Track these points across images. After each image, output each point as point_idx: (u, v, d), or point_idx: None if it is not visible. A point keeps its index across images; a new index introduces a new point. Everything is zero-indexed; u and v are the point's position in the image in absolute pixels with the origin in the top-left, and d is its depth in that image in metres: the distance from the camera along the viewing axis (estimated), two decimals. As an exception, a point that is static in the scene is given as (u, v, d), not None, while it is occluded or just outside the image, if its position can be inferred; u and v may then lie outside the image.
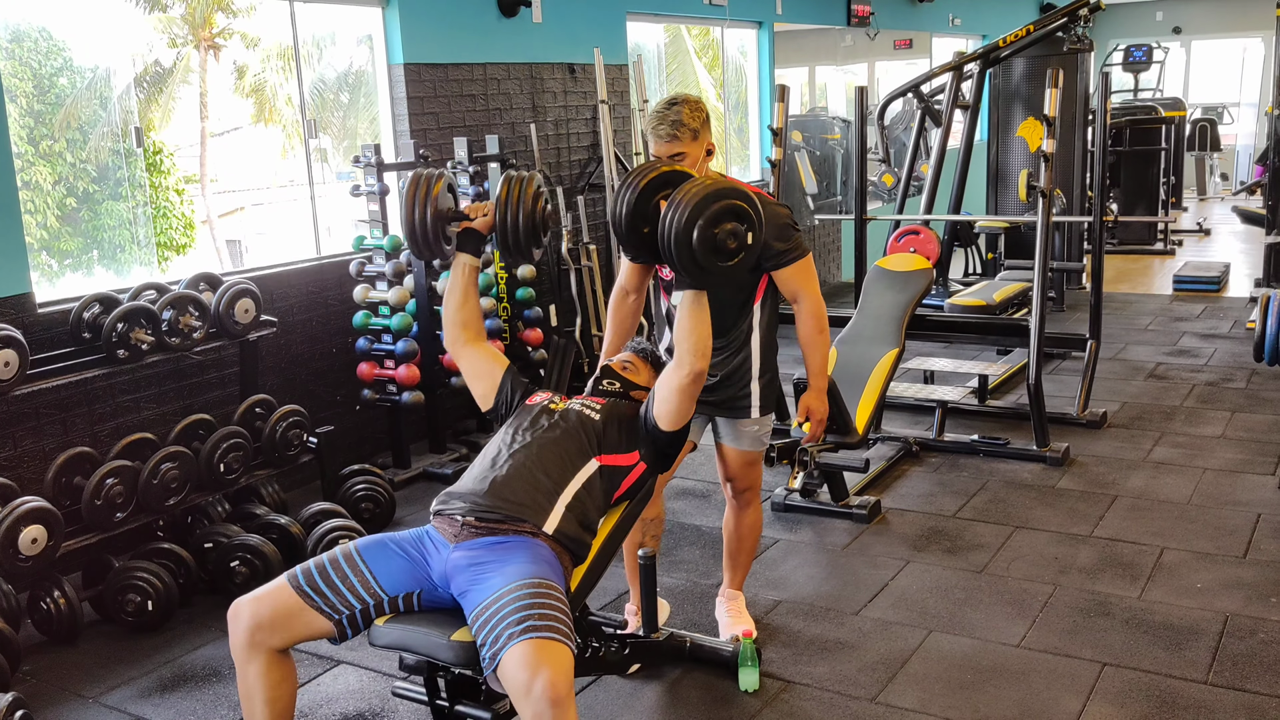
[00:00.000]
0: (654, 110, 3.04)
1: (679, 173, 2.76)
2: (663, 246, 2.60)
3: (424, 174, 2.85)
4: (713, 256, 2.59)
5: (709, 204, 2.56)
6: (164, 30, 9.58)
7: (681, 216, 2.55)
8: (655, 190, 2.71)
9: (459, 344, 2.94)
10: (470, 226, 2.89)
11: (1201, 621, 3.46)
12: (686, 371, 2.68)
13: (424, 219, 2.80)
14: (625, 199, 2.72)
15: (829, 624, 3.57)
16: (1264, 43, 14.98)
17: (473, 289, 2.93)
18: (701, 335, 2.67)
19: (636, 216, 2.71)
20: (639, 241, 2.75)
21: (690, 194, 2.57)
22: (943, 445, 5.19)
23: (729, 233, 2.59)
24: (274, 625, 2.46)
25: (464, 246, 2.90)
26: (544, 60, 6.32)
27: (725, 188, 2.61)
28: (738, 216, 2.61)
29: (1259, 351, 4.51)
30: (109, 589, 3.72)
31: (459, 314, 2.91)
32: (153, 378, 4.44)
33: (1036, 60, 8.13)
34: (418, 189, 2.82)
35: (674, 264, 2.62)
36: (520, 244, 2.86)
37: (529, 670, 2.20)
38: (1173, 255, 10.52)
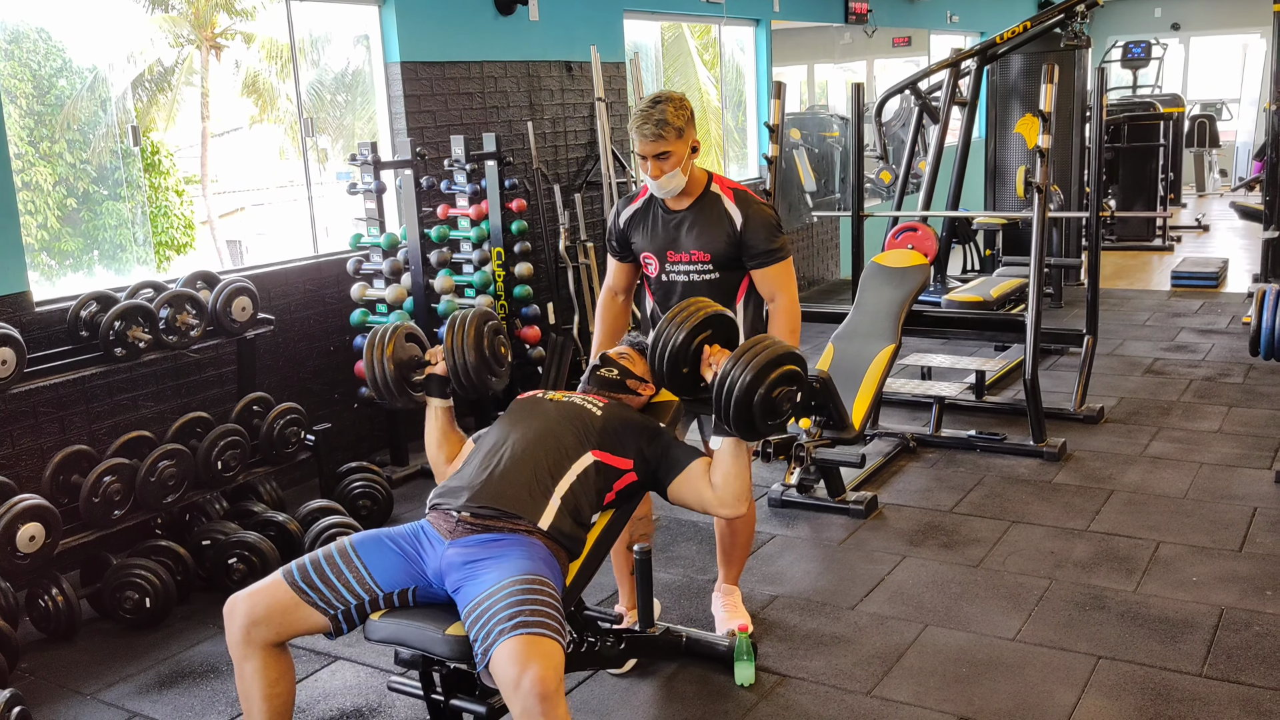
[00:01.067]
0: (638, 109, 3.04)
1: (720, 316, 2.81)
2: (721, 403, 2.63)
3: (380, 331, 2.92)
4: (767, 418, 2.64)
5: (772, 369, 2.60)
6: (167, 30, 9.60)
7: (746, 379, 2.58)
8: (697, 333, 2.76)
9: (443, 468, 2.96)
10: (433, 372, 2.93)
11: (1197, 615, 3.47)
12: (728, 514, 2.77)
13: (384, 375, 2.88)
14: (670, 340, 2.74)
15: (825, 618, 3.57)
16: (1263, 39, 14.96)
17: (450, 429, 2.97)
18: (744, 482, 2.75)
19: (678, 358, 2.75)
20: (677, 381, 2.80)
21: (756, 358, 2.60)
22: (940, 441, 5.20)
23: (786, 396, 2.64)
24: (269, 621, 2.47)
25: (431, 391, 2.95)
26: (541, 58, 6.33)
27: (785, 351, 2.64)
28: (794, 380, 2.65)
29: (1255, 346, 4.51)
30: (107, 586, 3.73)
31: (440, 453, 2.96)
32: (150, 376, 4.46)
33: (1034, 57, 8.13)
34: (374, 348, 2.89)
35: (727, 419, 2.64)
36: (473, 384, 2.89)
37: (518, 665, 2.21)
38: (1171, 251, 10.52)
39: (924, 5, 11.29)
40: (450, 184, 5.46)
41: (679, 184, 3.09)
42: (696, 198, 3.16)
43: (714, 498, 2.74)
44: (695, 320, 2.76)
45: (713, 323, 2.80)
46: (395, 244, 5.05)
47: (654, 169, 3.05)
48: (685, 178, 3.10)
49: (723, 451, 2.73)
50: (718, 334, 2.81)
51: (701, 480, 2.76)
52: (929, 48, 11.89)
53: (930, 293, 7.13)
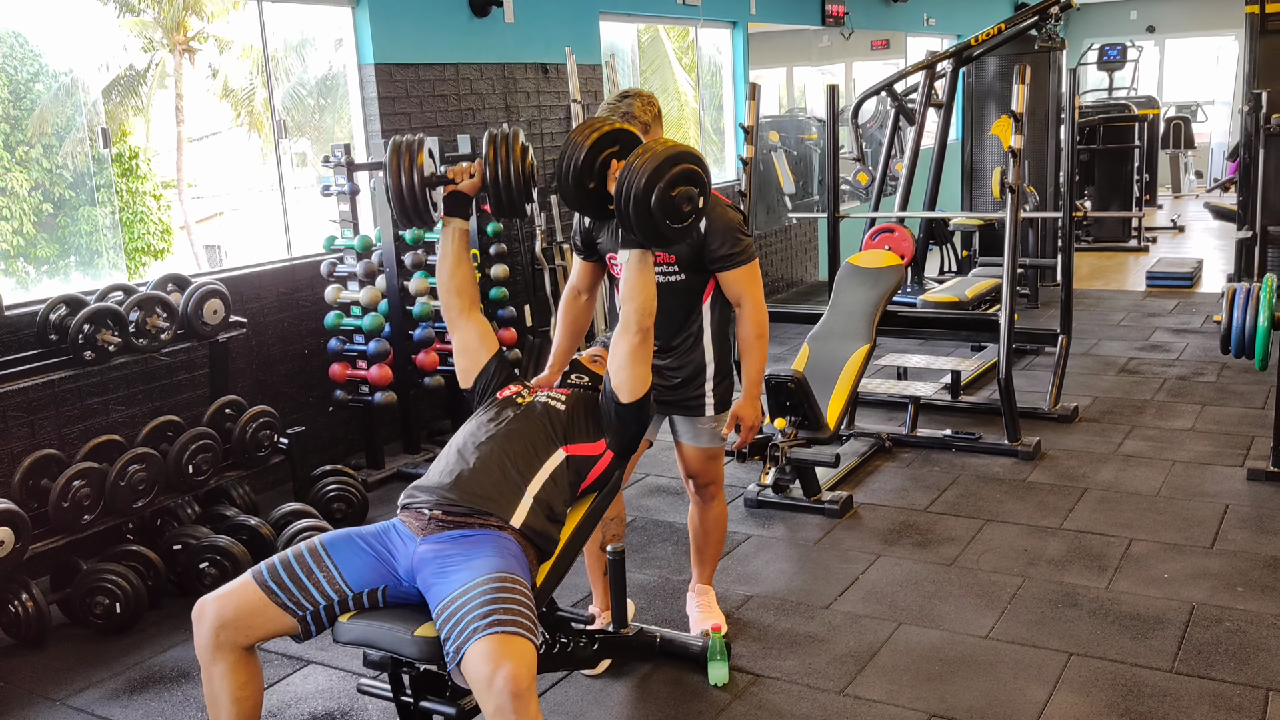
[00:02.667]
0: (606, 103, 3.04)
1: (626, 131, 2.77)
2: (619, 206, 2.62)
3: (404, 140, 2.82)
4: (667, 218, 2.63)
5: (668, 167, 2.60)
6: (138, 34, 9.53)
7: (640, 179, 2.58)
8: (601, 148, 2.72)
9: (454, 312, 2.92)
10: (456, 190, 2.86)
11: (1168, 611, 3.48)
12: (634, 330, 2.70)
13: (410, 185, 2.76)
14: (572, 156, 2.71)
15: (799, 618, 3.57)
16: (1237, 41, 15.09)
17: (464, 253, 2.90)
18: (648, 295, 2.71)
19: (583, 173, 2.71)
20: (584, 198, 2.76)
21: (648, 157, 2.60)
22: (915, 440, 5.22)
23: (684, 195, 2.64)
24: (238, 623, 2.45)
25: (452, 210, 2.87)
26: (517, 60, 6.32)
27: (682, 150, 2.65)
28: (692, 180, 2.65)
29: (1225, 344, 4.54)
30: (77, 591, 3.70)
31: (452, 280, 2.89)
32: (121, 380, 4.42)
33: (1009, 59, 8.17)
34: (400, 156, 2.78)
35: (628, 223, 2.64)
36: (514, 201, 2.82)
37: (491, 664, 2.20)
38: (1146, 252, 10.59)
39: (901, 8, 11.34)
40: (425, 186, 5.43)
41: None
42: None
43: (620, 325, 2.72)
44: (597, 134, 2.71)
45: (618, 137, 2.74)
46: (369, 246, 5.03)
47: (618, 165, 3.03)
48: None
49: (628, 265, 2.71)
50: (624, 150, 2.74)
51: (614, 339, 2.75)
52: (906, 50, 11.94)
53: (907, 293, 7.15)
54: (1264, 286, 4.46)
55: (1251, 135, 7.63)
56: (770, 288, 9.23)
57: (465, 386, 2.95)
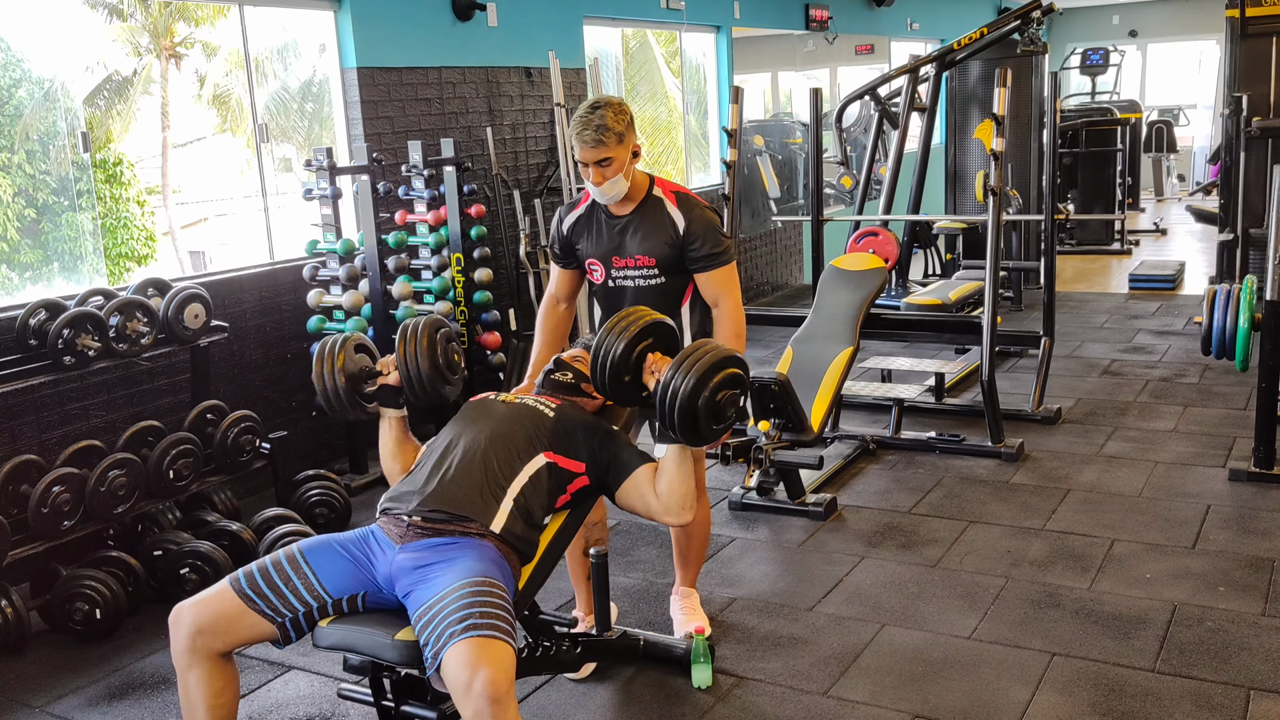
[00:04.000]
0: (577, 115, 3.00)
1: (661, 324, 2.80)
2: (663, 410, 2.61)
3: (328, 343, 2.89)
4: (711, 423, 2.63)
5: (714, 373, 2.60)
6: (125, 39, 9.50)
7: (689, 385, 2.57)
8: (638, 341, 2.75)
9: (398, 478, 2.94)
10: (385, 383, 2.90)
11: (1150, 611, 3.49)
12: (673, 521, 2.73)
13: (335, 388, 2.85)
14: (611, 350, 2.72)
15: (783, 620, 3.57)
16: (1218, 45, 15.19)
17: (404, 439, 2.95)
18: (689, 489, 2.72)
19: (620, 368, 2.73)
20: (619, 391, 2.78)
21: (699, 363, 2.59)
22: (899, 443, 5.22)
23: (729, 400, 2.63)
24: (215, 630, 2.44)
25: (384, 402, 2.93)
26: (500, 64, 6.31)
27: (727, 355, 2.64)
28: (737, 384, 2.65)
29: (1206, 345, 4.57)
30: (56, 598, 3.67)
31: (395, 464, 2.94)
32: (101, 385, 4.40)
33: (992, 63, 8.20)
34: (323, 360, 2.85)
35: (671, 426, 2.63)
36: (427, 394, 2.87)
37: (469, 668, 2.20)
38: (1129, 255, 10.64)
39: (884, 13, 11.38)
40: (408, 189, 5.44)
41: (621, 189, 3.07)
42: (639, 202, 3.14)
43: (659, 505, 2.72)
44: (635, 329, 2.75)
45: (653, 330, 2.79)
46: (352, 250, 5.01)
47: (596, 175, 3.01)
48: (628, 183, 3.07)
49: (667, 459, 2.71)
50: (659, 342, 2.80)
51: (647, 486, 2.74)
52: (890, 55, 11.98)
53: (890, 296, 7.17)
54: (1244, 288, 4.49)
55: (1232, 138, 7.68)
56: (755, 291, 9.24)
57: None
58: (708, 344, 2.69)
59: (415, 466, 2.77)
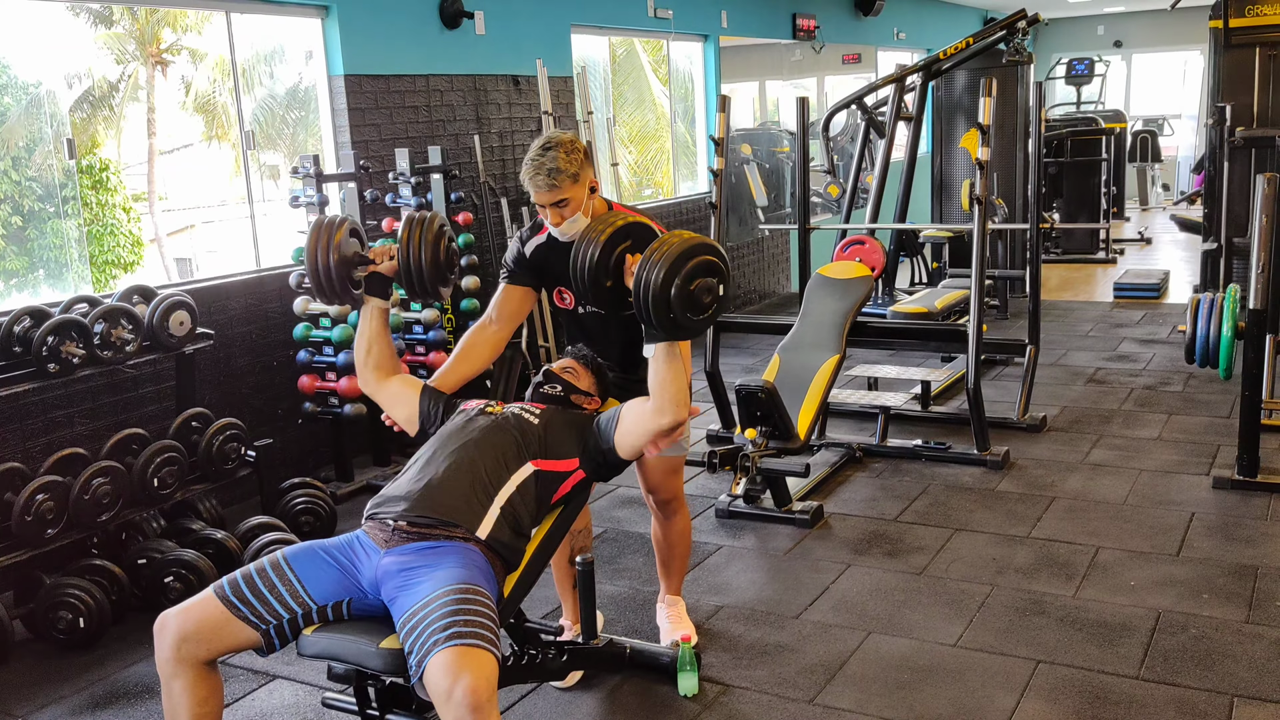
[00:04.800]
0: (528, 159, 2.88)
1: (639, 224, 2.77)
2: (639, 303, 2.60)
3: (325, 220, 2.86)
4: (688, 312, 2.61)
5: (685, 261, 2.58)
6: (111, 46, 9.47)
7: (659, 275, 2.55)
8: (615, 243, 2.72)
9: (371, 385, 2.95)
10: (376, 270, 2.89)
11: (1134, 618, 3.51)
12: (669, 420, 2.68)
13: (327, 266, 2.80)
14: (587, 254, 2.70)
15: (769, 628, 3.57)
16: (1202, 56, 15.31)
17: (383, 331, 2.93)
18: (680, 385, 2.68)
19: (599, 271, 2.71)
20: (601, 296, 2.76)
21: (665, 252, 2.57)
22: (886, 450, 5.23)
23: (704, 288, 2.61)
24: (200, 637, 2.43)
25: (371, 290, 2.91)
26: (488, 72, 6.32)
27: (697, 243, 2.62)
28: (712, 271, 2.63)
29: (1190, 353, 4.59)
30: (40, 606, 3.65)
31: (369, 358, 2.93)
32: (86, 392, 4.38)
33: (978, 73, 8.25)
34: (319, 236, 2.81)
35: (649, 320, 2.62)
36: (425, 286, 2.85)
37: (450, 676, 2.19)
38: (1114, 264, 10.69)
39: (871, 22, 11.43)
40: (395, 197, 5.43)
41: (580, 227, 2.95)
42: None
43: (651, 410, 2.69)
44: (610, 231, 2.71)
45: (631, 232, 2.75)
46: (339, 258, 5.00)
47: (554, 216, 2.93)
48: (587, 219, 2.96)
49: (655, 357, 2.68)
50: (638, 243, 2.75)
51: (637, 407, 2.73)
52: (877, 64, 12.03)
53: (877, 304, 7.19)
54: (1227, 297, 4.52)
55: (1216, 148, 7.74)
56: (742, 299, 9.25)
57: (414, 431, 2.95)
58: (678, 233, 2.66)
59: (401, 472, 2.76)
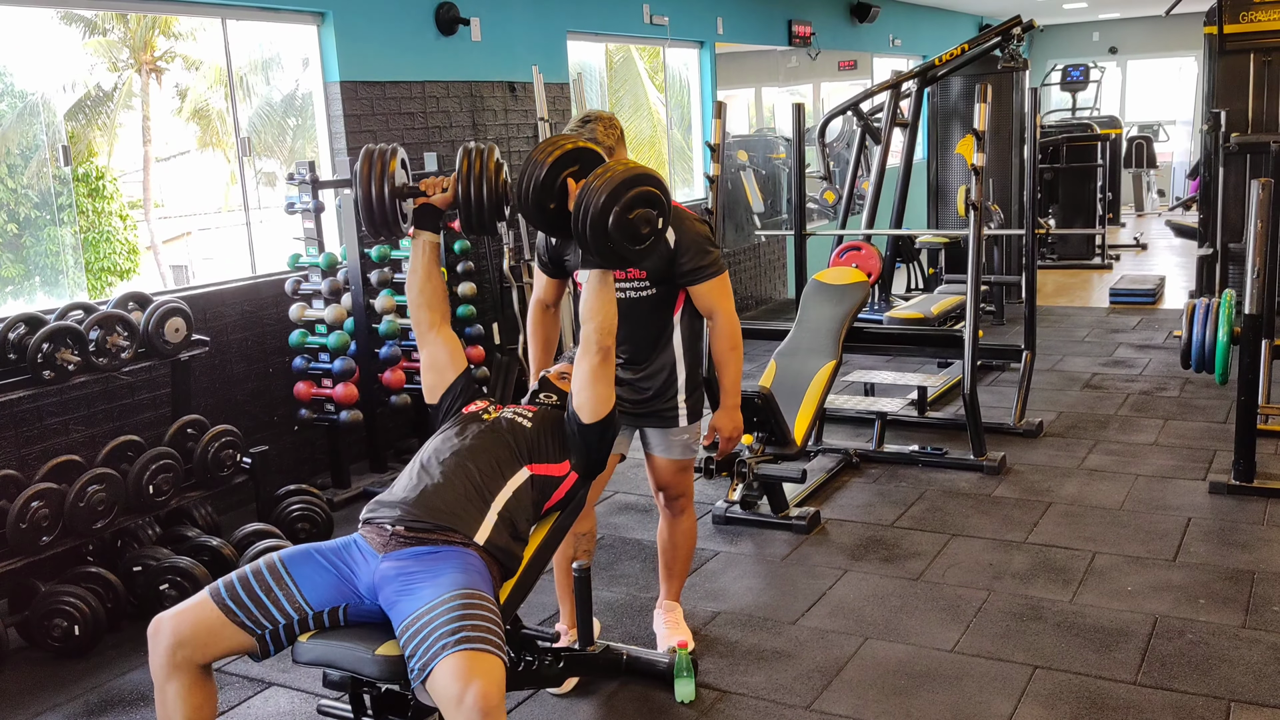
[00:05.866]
0: (567, 129, 3.00)
1: (588, 150, 2.74)
2: (576, 228, 2.60)
3: (376, 149, 2.78)
4: (626, 241, 2.61)
5: (625, 190, 2.58)
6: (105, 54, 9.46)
7: (598, 201, 2.56)
8: (562, 167, 2.69)
9: (424, 326, 2.88)
10: (428, 202, 2.83)
11: (1131, 624, 3.50)
12: (595, 351, 2.67)
13: (380, 195, 2.71)
14: (532, 175, 2.68)
15: (766, 634, 3.57)
16: (1197, 62, 15.35)
17: (435, 266, 2.85)
18: (607, 314, 2.68)
19: (543, 193, 2.68)
20: (543, 218, 2.73)
21: (606, 178, 2.58)
22: (882, 456, 5.23)
23: (642, 218, 2.61)
24: (195, 641, 2.41)
25: (422, 224, 2.83)
26: (484, 79, 6.32)
27: (639, 173, 2.63)
28: (650, 203, 2.63)
29: (1185, 359, 4.60)
30: (35, 614, 3.64)
31: (422, 295, 2.85)
32: (81, 399, 4.37)
33: (973, 79, 8.27)
34: (372, 165, 2.74)
35: (586, 245, 2.62)
36: (485, 219, 2.78)
37: (461, 681, 2.18)
38: (1110, 269, 10.71)
39: (867, 29, 11.45)
40: (391, 204, 5.42)
41: None
42: None
43: (582, 345, 2.68)
44: (559, 152, 2.69)
45: (579, 156, 2.71)
46: (334, 264, 5.00)
47: None
48: None
49: (588, 283, 2.68)
50: (584, 169, 2.72)
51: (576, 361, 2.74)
52: (872, 71, 12.05)
53: (873, 310, 7.19)
54: (1223, 302, 4.52)
55: (1211, 154, 7.75)
56: (739, 305, 9.23)
57: (431, 402, 2.93)
58: (620, 162, 2.66)
59: (398, 478, 2.75)
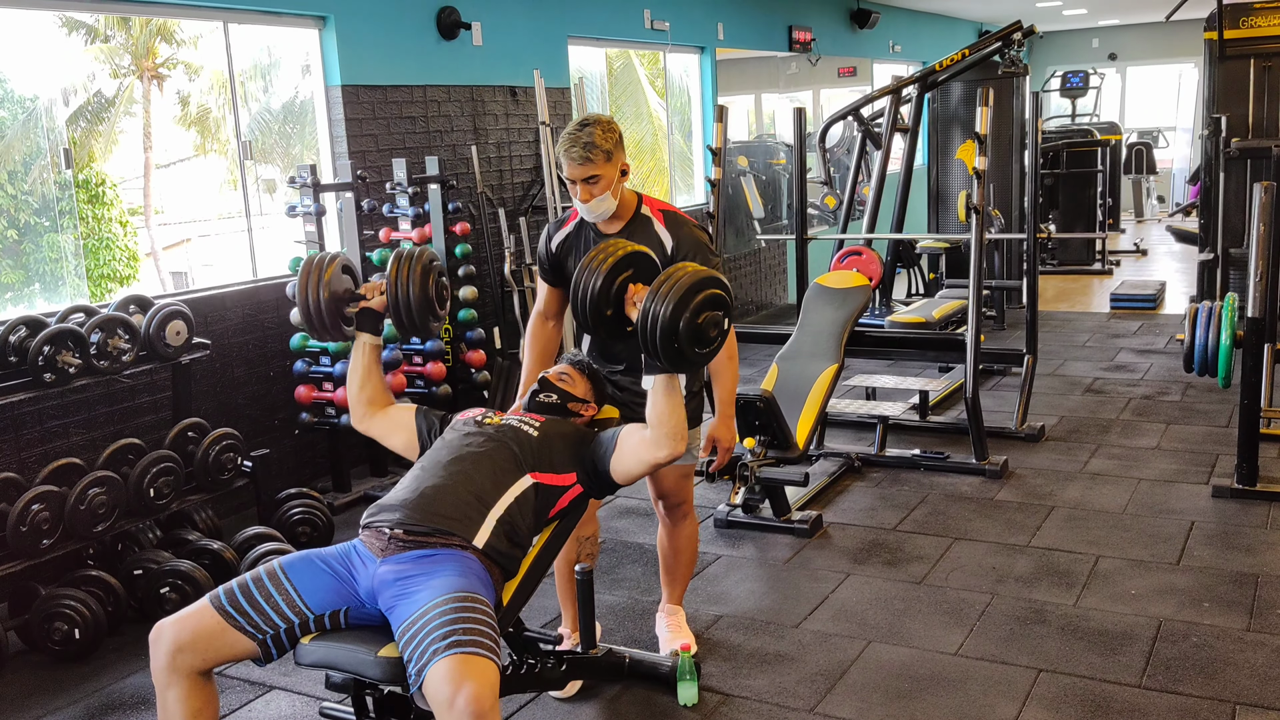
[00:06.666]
0: (565, 132, 2.97)
1: (641, 254, 2.74)
2: (644, 336, 2.56)
3: (316, 258, 2.85)
4: (695, 346, 2.57)
5: (694, 295, 2.53)
6: (106, 61, 9.47)
7: (667, 309, 2.51)
8: (618, 272, 2.69)
9: (365, 420, 2.94)
10: (367, 306, 2.87)
11: (1135, 627, 3.49)
12: (666, 454, 2.66)
13: (318, 303, 2.79)
14: (590, 285, 2.67)
15: (769, 637, 3.56)
16: (1196, 68, 15.36)
17: (375, 367, 2.92)
18: (679, 419, 2.65)
19: (600, 301, 2.68)
20: (600, 323, 2.72)
21: (675, 285, 2.54)
22: (884, 460, 5.22)
23: (711, 321, 2.57)
24: (195, 647, 2.40)
25: (363, 326, 2.89)
26: (485, 83, 6.33)
27: (706, 276, 2.58)
28: (718, 305, 2.59)
29: (1188, 362, 4.59)
30: (35, 617, 3.63)
31: (362, 393, 2.91)
32: (82, 402, 4.36)
33: (974, 84, 8.28)
34: (310, 274, 2.81)
35: (653, 353, 2.58)
36: (414, 322, 2.83)
37: (453, 685, 2.17)
38: (1110, 275, 10.71)
39: (867, 35, 11.46)
40: (392, 207, 5.43)
41: (609, 207, 3.02)
42: (628, 220, 3.10)
43: (650, 441, 2.66)
44: (613, 260, 2.69)
45: (633, 261, 2.72)
46: (336, 268, 4.99)
47: (584, 193, 2.97)
48: (616, 201, 3.02)
49: (655, 389, 2.65)
50: (640, 273, 2.72)
51: (635, 435, 2.71)
52: (872, 77, 12.06)
53: (874, 315, 7.19)
54: (1226, 305, 4.52)
55: (1212, 159, 7.75)
56: (740, 310, 9.25)
57: (416, 457, 2.90)
58: (685, 266, 2.63)
59: (399, 482, 2.74)
